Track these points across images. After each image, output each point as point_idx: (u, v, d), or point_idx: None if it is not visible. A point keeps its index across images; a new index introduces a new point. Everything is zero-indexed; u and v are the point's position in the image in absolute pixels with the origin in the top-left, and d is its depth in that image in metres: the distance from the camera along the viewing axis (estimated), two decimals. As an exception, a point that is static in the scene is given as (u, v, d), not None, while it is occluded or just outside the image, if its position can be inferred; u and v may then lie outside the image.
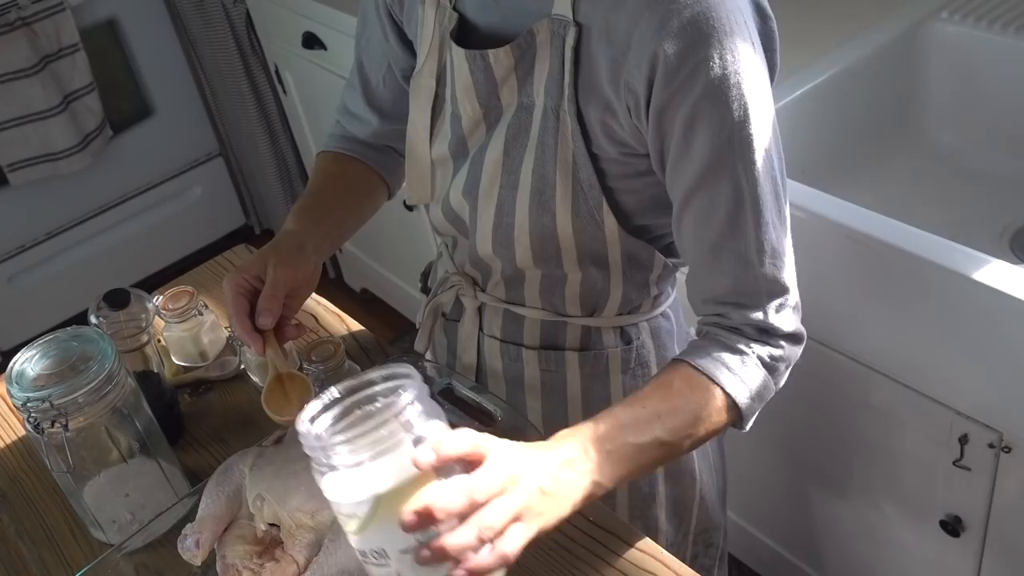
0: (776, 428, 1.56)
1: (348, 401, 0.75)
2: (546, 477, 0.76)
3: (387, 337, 2.66)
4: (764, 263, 0.89)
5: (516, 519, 0.73)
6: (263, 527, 0.97)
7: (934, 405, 1.27)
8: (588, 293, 1.05)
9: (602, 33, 0.87)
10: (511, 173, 0.98)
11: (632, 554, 0.95)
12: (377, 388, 0.75)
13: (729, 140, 0.84)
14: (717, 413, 0.89)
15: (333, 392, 0.75)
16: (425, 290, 1.27)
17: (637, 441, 0.84)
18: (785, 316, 0.92)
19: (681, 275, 1.08)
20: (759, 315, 0.90)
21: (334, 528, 0.93)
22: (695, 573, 0.93)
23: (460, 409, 1.09)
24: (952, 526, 1.35)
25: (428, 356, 1.27)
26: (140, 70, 2.70)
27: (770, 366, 0.91)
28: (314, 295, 1.38)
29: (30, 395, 0.95)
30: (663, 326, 1.12)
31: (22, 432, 1.22)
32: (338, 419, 0.74)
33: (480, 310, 1.15)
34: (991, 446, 1.23)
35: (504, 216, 1.00)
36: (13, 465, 1.19)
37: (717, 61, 0.82)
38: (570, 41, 0.89)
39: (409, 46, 1.10)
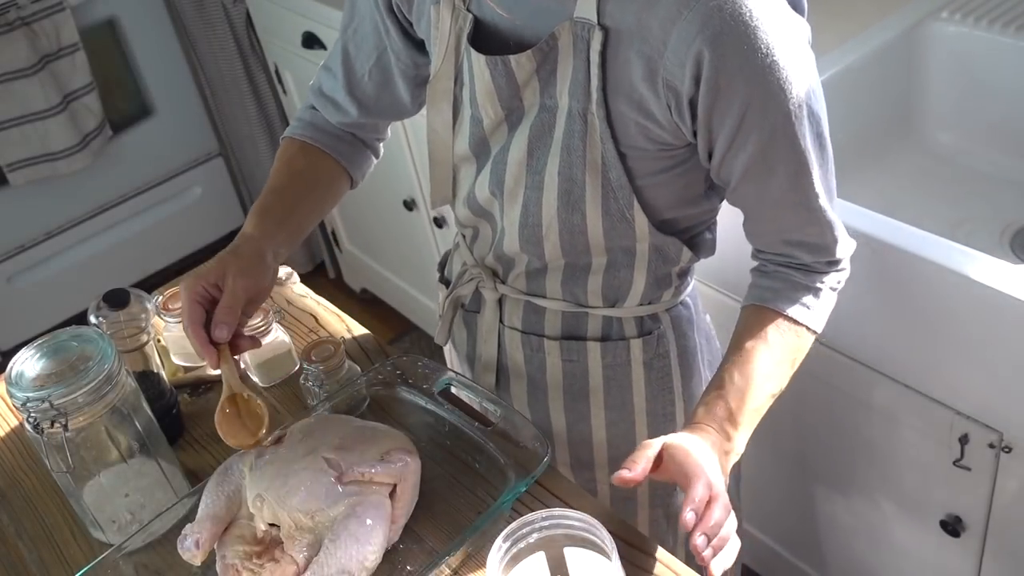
0: (776, 428, 1.56)
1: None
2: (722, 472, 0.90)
3: (387, 337, 2.66)
4: (824, 207, 0.96)
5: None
6: (263, 527, 0.97)
7: (934, 405, 1.27)
8: (610, 285, 1.06)
9: (634, 33, 0.88)
10: (535, 174, 0.99)
11: (638, 557, 0.95)
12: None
13: (785, 115, 0.88)
14: (804, 348, 1.01)
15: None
16: (443, 280, 1.27)
17: (757, 406, 0.96)
18: (845, 243, 1.00)
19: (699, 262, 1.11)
20: (828, 254, 0.99)
21: (334, 528, 0.94)
22: (695, 574, 0.93)
23: (460, 409, 1.09)
24: (952, 526, 1.35)
25: (449, 348, 1.27)
26: (140, 70, 2.70)
27: (837, 289, 1.02)
28: (314, 295, 1.38)
29: (30, 395, 0.95)
30: (683, 315, 1.13)
31: (22, 432, 1.22)
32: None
33: (500, 302, 1.15)
34: (991, 446, 1.23)
35: (530, 216, 1.01)
36: (13, 465, 1.19)
37: (763, 49, 0.84)
38: (596, 45, 0.89)
39: (414, 43, 1.10)
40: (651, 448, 0.87)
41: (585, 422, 1.16)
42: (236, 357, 1.02)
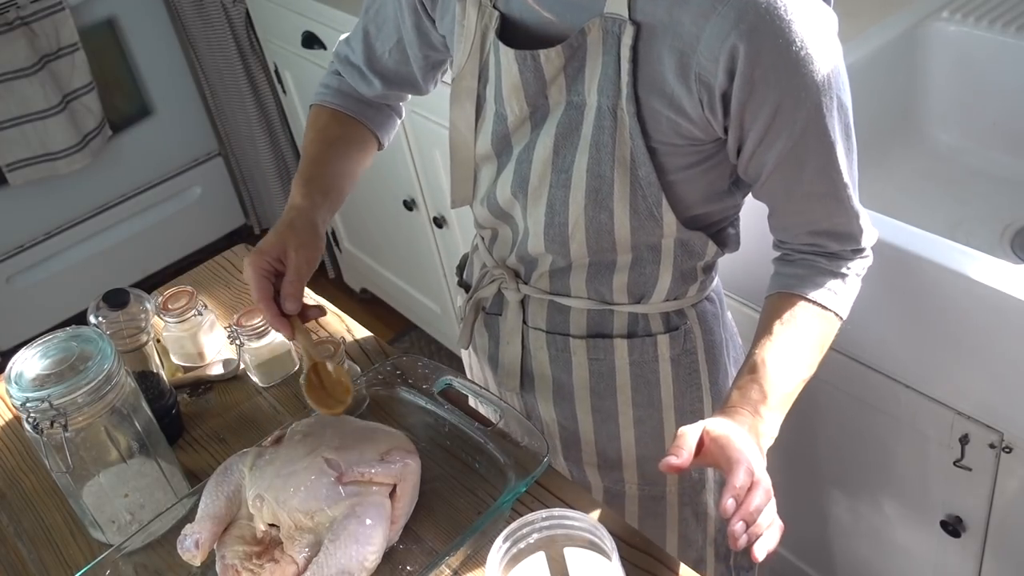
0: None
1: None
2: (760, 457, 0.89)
3: (387, 337, 2.66)
4: (851, 196, 0.97)
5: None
6: (263, 527, 0.97)
7: (935, 405, 1.27)
8: (636, 281, 1.06)
9: (666, 28, 0.88)
10: (562, 172, 0.98)
11: (638, 557, 0.95)
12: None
13: (817, 107, 0.89)
14: (831, 333, 1.01)
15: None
16: (462, 284, 1.27)
17: (790, 390, 0.96)
18: (869, 232, 1.01)
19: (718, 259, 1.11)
20: (855, 243, 1.01)
21: (334, 528, 0.93)
22: (696, 575, 0.93)
23: (460, 409, 1.09)
24: (953, 526, 1.35)
25: (469, 352, 1.28)
26: (139, 70, 2.70)
27: (861, 275, 1.03)
28: (314, 295, 1.38)
29: (29, 395, 0.95)
30: (708, 310, 1.13)
31: (22, 432, 1.22)
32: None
33: (523, 303, 1.15)
34: (992, 446, 1.23)
35: (556, 215, 1.00)
36: (13, 465, 1.19)
37: (797, 43, 0.85)
38: (627, 40, 0.89)
39: (426, 37, 1.11)
40: (693, 434, 0.87)
41: (612, 421, 1.15)
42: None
